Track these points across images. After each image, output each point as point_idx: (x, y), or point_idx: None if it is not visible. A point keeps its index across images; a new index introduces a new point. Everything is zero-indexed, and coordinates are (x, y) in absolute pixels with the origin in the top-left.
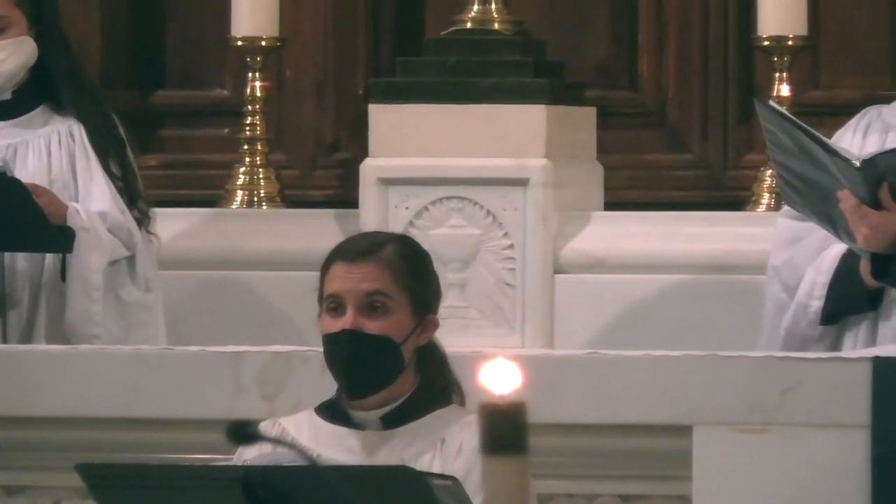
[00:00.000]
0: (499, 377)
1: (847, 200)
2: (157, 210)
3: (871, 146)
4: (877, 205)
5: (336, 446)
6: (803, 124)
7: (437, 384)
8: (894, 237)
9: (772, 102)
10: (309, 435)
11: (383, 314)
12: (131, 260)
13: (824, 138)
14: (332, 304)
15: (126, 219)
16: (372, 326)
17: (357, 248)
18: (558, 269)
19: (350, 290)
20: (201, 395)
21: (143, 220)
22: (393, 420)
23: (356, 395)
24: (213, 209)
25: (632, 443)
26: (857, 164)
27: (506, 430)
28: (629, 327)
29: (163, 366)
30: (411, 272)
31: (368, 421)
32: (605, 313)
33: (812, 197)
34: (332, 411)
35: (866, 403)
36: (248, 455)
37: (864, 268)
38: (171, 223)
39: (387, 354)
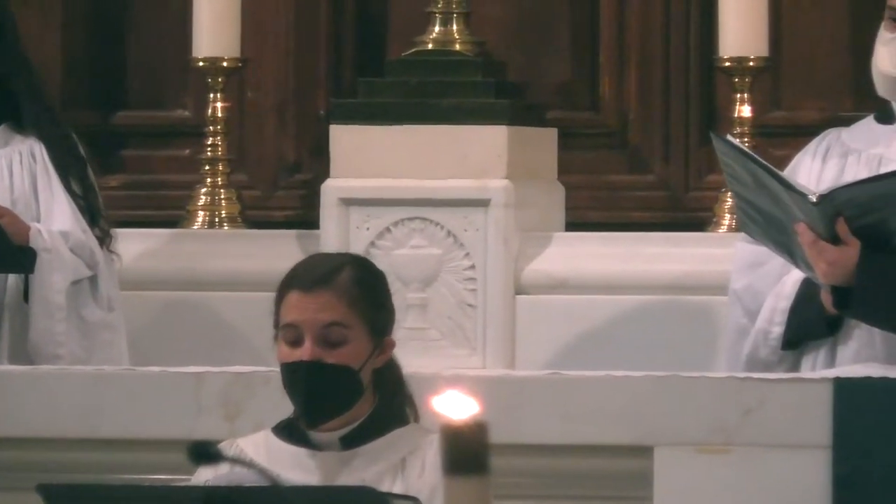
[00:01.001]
0: (454, 405)
1: (804, 235)
2: (119, 231)
3: (831, 170)
4: (834, 238)
5: (295, 467)
6: (759, 158)
7: (395, 402)
8: (853, 271)
9: (729, 136)
10: (267, 455)
11: (341, 344)
12: (94, 280)
13: (780, 172)
14: (289, 334)
15: (88, 238)
16: (330, 357)
17: (312, 277)
18: (519, 290)
19: (307, 320)
20: (163, 415)
21: (104, 240)
22: (352, 441)
23: (315, 423)
24: (174, 230)
25: (593, 463)
26: (814, 198)
27: (467, 450)
28: (590, 348)
29: (124, 386)
30: (368, 298)
31: (327, 442)
32: (567, 334)
33: (770, 228)
34: (290, 431)
35: (828, 424)
36: (206, 475)
37: (825, 296)
38: (133, 244)
39: (345, 383)
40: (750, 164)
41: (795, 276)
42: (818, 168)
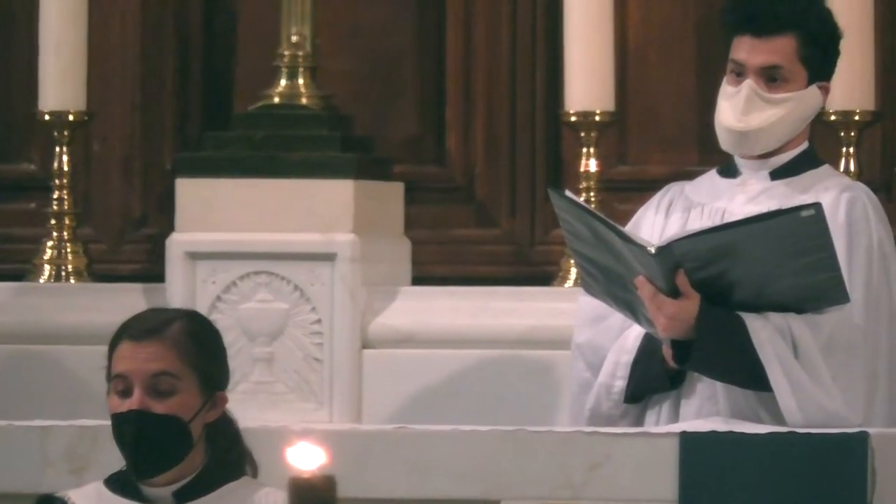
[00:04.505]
0: (304, 456)
1: (644, 288)
2: None
3: (674, 224)
4: (675, 291)
5: None
6: (598, 213)
7: (229, 457)
8: (692, 324)
9: (567, 192)
10: None
11: (170, 394)
12: None
13: (619, 226)
14: (119, 384)
15: None
16: (159, 407)
17: (143, 327)
18: (366, 344)
19: (136, 370)
20: (8, 469)
21: None
22: (185, 495)
23: (144, 475)
24: (20, 283)
25: None
26: (653, 250)
27: (316, 503)
28: (437, 402)
29: None
30: (198, 350)
31: (160, 496)
32: (414, 388)
33: (610, 285)
34: (122, 484)
35: (674, 478)
36: None
37: (666, 350)
38: None
39: (174, 434)
40: (588, 219)
41: (637, 330)
42: (661, 222)
